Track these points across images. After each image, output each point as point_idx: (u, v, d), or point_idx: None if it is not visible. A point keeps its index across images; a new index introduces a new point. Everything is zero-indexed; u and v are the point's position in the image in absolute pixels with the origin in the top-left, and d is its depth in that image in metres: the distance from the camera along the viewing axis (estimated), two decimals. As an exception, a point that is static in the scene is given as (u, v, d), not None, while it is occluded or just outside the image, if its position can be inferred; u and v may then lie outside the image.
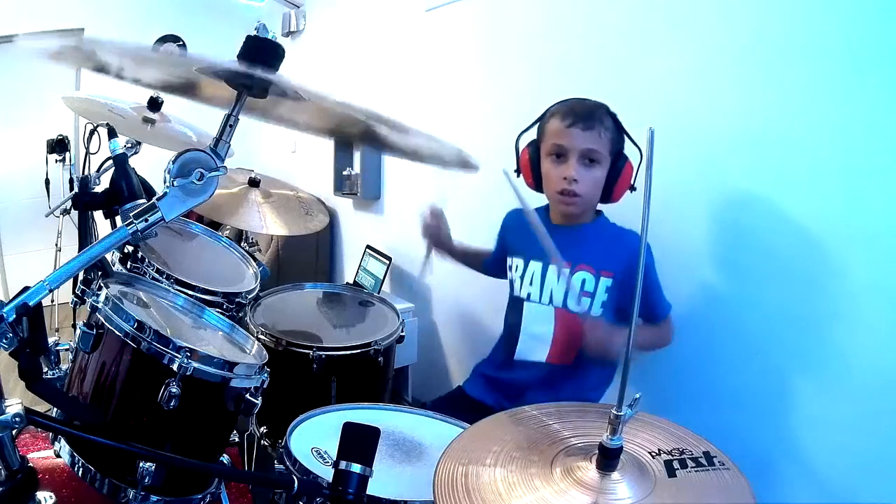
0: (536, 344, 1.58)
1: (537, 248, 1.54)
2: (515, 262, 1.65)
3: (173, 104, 1.65)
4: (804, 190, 1.45)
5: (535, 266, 1.60)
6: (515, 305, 1.64)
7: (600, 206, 1.61)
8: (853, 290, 1.38)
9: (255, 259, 1.87)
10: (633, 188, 1.54)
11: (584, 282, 1.53)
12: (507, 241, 1.74)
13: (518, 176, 1.61)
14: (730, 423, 1.50)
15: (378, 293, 2.30)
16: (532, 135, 1.60)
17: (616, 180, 1.51)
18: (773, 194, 1.51)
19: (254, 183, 2.12)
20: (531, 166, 1.58)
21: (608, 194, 1.53)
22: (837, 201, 1.40)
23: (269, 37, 0.89)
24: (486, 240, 1.82)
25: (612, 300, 1.53)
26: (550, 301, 1.57)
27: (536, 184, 1.60)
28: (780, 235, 1.50)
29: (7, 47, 3.42)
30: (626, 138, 1.52)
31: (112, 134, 1.19)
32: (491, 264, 1.82)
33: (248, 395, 1.16)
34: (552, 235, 1.54)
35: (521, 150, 1.62)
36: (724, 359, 1.63)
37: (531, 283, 1.60)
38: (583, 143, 1.48)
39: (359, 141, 1.16)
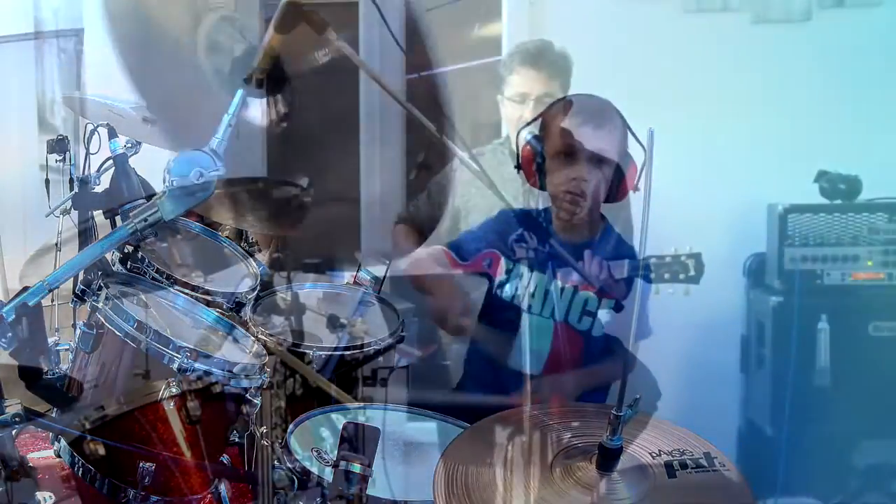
0: (532, 356, 1.54)
1: (543, 258, 1.53)
2: (519, 269, 1.58)
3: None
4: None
5: (540, 277, 1.55)
6: (509, 310, 1.58)
7: (603, 212, 1.57)
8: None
9: (255, 259, 1.86)
10: (636, 188, 1.48)
11: (586, 301, 1.51)
12: (508, 243, 1.62)
13: (518, 172, 1.54)
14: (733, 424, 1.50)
15: (378, 293, 2.30)
16: (534, 130, 1.53)
17: (621, 181, 1.47)
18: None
19: (254, 183, 2.12)
20: (534, 163, 1.50)
21: (612, 194, 1.49)
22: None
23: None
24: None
25: (613, 320, 1.51)
26: (551, 315, 1.54)
27: (539, 182, 1.52)
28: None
29: (6, 47, 3.41)
30: (630, 137, 1.46)
31: (112, 134, 1.19)
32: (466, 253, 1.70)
33: (248, 395, 1.16)
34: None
35: (521, 146, 1.53)
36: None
37: (533, 295, 1.55)
38: (593, 142, 1.42)
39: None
